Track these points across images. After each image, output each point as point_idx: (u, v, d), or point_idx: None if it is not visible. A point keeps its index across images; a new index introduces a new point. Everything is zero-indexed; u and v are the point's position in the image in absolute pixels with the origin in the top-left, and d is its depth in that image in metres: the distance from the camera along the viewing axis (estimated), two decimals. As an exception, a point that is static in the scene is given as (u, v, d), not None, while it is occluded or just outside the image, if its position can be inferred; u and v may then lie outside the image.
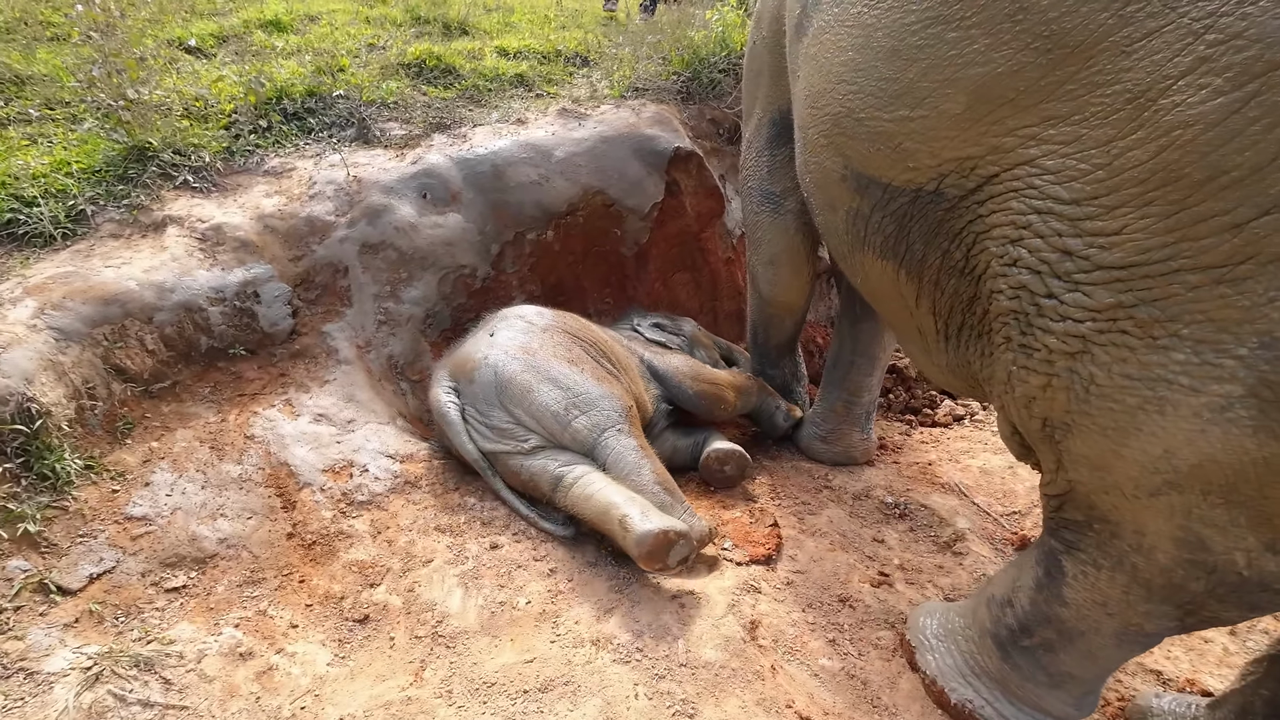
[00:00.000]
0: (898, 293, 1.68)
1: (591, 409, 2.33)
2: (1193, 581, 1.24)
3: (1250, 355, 1.01)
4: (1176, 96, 0.99)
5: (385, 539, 2.16)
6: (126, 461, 2.10)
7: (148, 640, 1.69)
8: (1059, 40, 1.10)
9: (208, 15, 4.36)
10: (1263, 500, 1.10)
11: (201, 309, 2.45)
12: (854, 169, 1.57)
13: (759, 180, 2.66)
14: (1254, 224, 0.96)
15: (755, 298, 3.08)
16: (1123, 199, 1.08)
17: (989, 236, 1.34)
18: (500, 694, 1.68)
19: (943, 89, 1.28)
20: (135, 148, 2.78)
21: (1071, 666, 1.57)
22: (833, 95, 1.55)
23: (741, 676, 1.78)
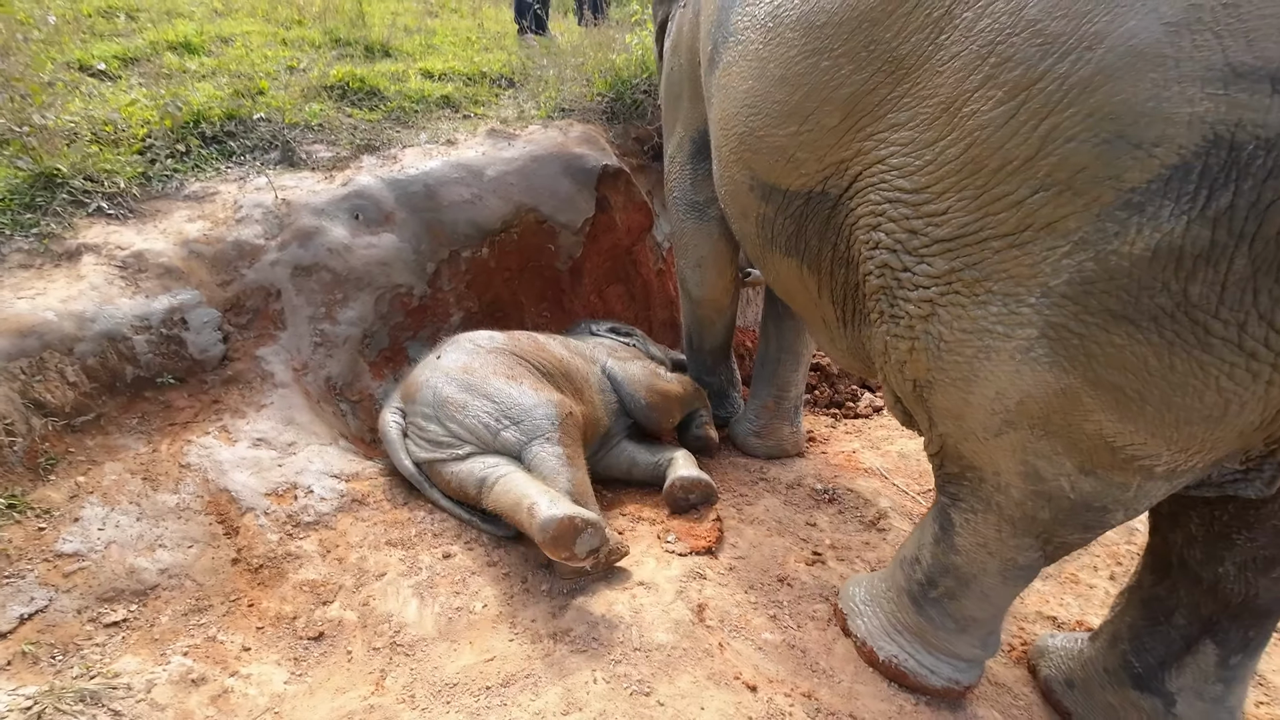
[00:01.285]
0: (803, 286, 1.93)
1: (523, 419, 2.39)
2: (1040, 511, 1.48)
3: (1037, 303, 1.24)
4: (974, 105, 1.24)
5: (335, 557, 2.16)
6: (52, 498, 2.03)
7: (91, 676, 1.65)
8: (897, 64, 1.37)
9: (109, 36, 4.19)
10: (1068, 428, 1.31)
11: (126, 338, 2.39)
12: (759, 179, 1.83)
13: (683, 191, 2.90)
14: (1029, 200, 1.20)
15: (687, 301, 3.28)
16: (946, 185, 1.33)
17: (858, 226, 1.59)
18: (463, 693, 1.73)
19: (822, 107, 1.55)
20: (42, 175, 2.67)
21: (972, 610, 1.78)
22: (738, 118, 1.83)
23: (692, 655, 1.90)
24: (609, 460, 2.93)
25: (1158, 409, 1.20)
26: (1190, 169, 1.02)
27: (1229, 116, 0.98)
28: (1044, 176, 1.17)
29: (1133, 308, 1.13)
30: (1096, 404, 1.24)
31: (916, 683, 1.90)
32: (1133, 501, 1.38)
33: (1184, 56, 0.99)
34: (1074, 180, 1.13)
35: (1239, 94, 0.97)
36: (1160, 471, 1.30)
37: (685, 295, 3.25)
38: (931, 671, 1.88)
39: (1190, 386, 1.15)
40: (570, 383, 2.81)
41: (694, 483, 2.65)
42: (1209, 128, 0.99)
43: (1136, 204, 1.07)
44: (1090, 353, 1.20)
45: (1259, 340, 1.08)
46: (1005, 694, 2.01)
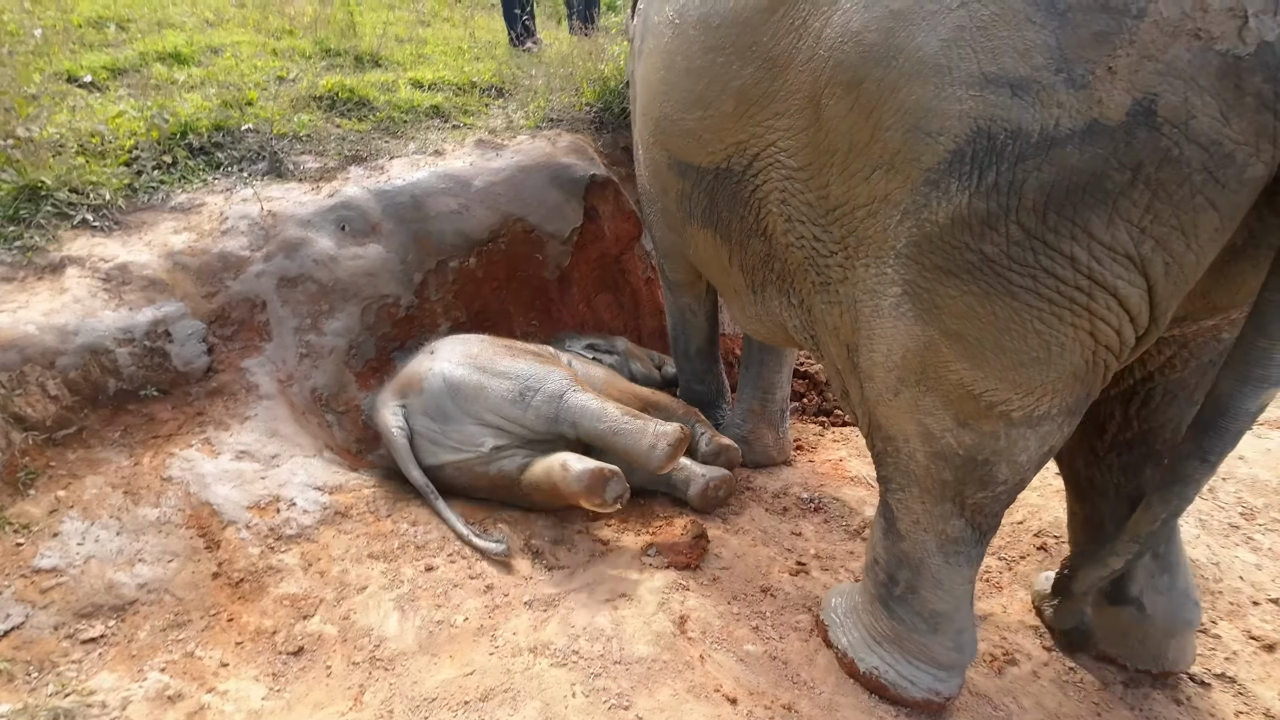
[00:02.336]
0: (717, 256, 2.11)
1: (544, 384, 2.50)
2: (943, 472, 1.60)
3: (894, 264, 1.43)
4: (827, 99, 1.45)
5: (317, 570, 2.16)
6: (31, 513, 2.02)
7: (66, 693, 1.64)
8: (774, 61, 1.57)
9: (98, 47, 4.20)
10: (939, 380, 1.48)
11: (108, 350, 2.38)
12: (675, 158, 2.04)
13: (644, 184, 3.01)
14: (871, 176, 1.42)
15: (669, 294, 3.32)
16: (821, 164, 1.53)
17: (768, 201, 1.74)
18: (441, 708, 1.73)
19: (720, 96, 1.75)
20: (27, 187, 2.67)
21: (933, 602, 1.82)
22: (655, 103, 2.06)
23: (672, 667, 1.90)
24: None
25: (995, 353, 1.39)
26: (964, 153, 1.26)
27: (985, 113, 1.22)
28: (876, 158, 1.39)
29: (952, 263, 1.35)
30: (952, 353, 1.43)
31: (897, 695, 1.90)
32: (1008, 452, 1.52)
33: (954, 66, 1.24)
34: (894, 160, 1.36)
35: (989, 95, 1.21)
36: (1017, 417, 1.47)
37: (666, 287, 3.31)
38: (911, 682, 1.88)
39: (1013, 331, 1.35)
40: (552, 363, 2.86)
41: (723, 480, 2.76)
42: (973, 121, 1.24)
43: (934, 181, 1.31)
44: (937, 305, 1.41)
45: (1052, 289, 1.29)
46: (985, 704, 2.01)
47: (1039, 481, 2.85)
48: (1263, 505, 2.81)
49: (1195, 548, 2.50)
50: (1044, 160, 1.19)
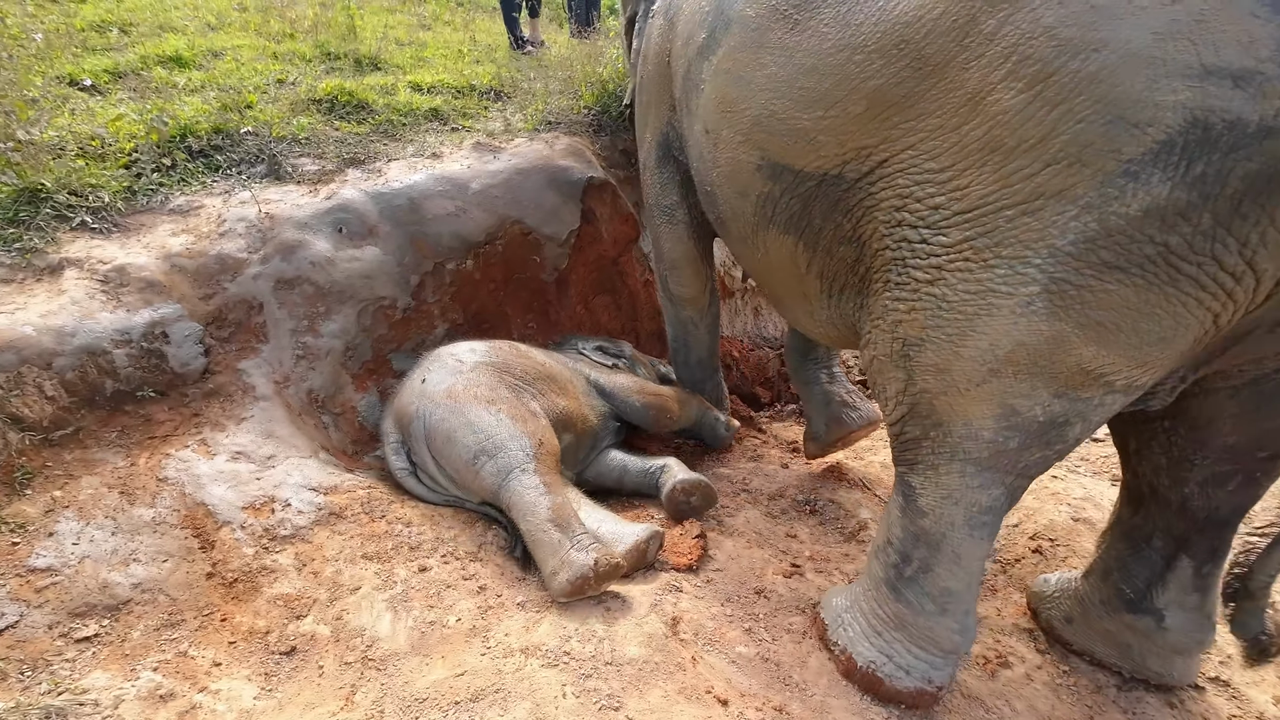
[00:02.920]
0: (792, 262, 2.10)
1: (499, 453, 2.39)
2: (1010, 441, 1.67)
3: (1043, 262, 1.47)
4: (996, 95, 1.45)
5: (311, 571, 2.17)
6: (27, 513, 2.03)
7: (58, 692, 1.65)
8: (925, 61, 1.56)
9: (101, 51, 4.23)
10: (1051, 364, 1.56)
11: (106, 352, 2.40)
12: (770, 159, 1.97)
13: (655, 197, 3.03)
14: (1041, 173, 1.42)
15: (669, 306, 3.33)
16: (968, 164, 1.53)
17: (877, 208, 1.75)
18: (432, 708, 1.73)
19: (849, 96, 1.71)
20: (26, 189, 2.69)
21: (947, 579, 1.84)
22: (752, 100, 1.96)
23: (664, 669, 1.90)
24: (600, 468, 2.96)
25: (1129, 335, 1.46)
26: (1174, 144, 1.28)
27: (1203, 103, 1.25)
28: (1055, 153, 1.40)
29: (1124, 258, 1.39)
30: (1081, 340, 1.49)
31: (891, 687, 1.91)
32: (1092, 413, 1.60)
33: (1169, 58, 1.26)
34: (1082, 154, 1.36)
35: (1210, 86, 1.24)
36: (1120, 385, 1.55)
37: (667, 299, 3.32)
38: (906, 671, 1.91)
39: (1155, 315, 1.43)
40: (552, 384, 2.84)
41: (694, 485, 2.69)
42: (1189, 111, 1.26)
43: (1133, 172, 1.33)
44: (1084, 300, 1.45)
45: (1211, 278, 1.37)
46: (978, 707, 2.01)
47: (1036, 486, 2.84)
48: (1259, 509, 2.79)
49: (1191, 551, 2.49)
50: (1255, 150, 1.24)
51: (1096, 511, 2.66)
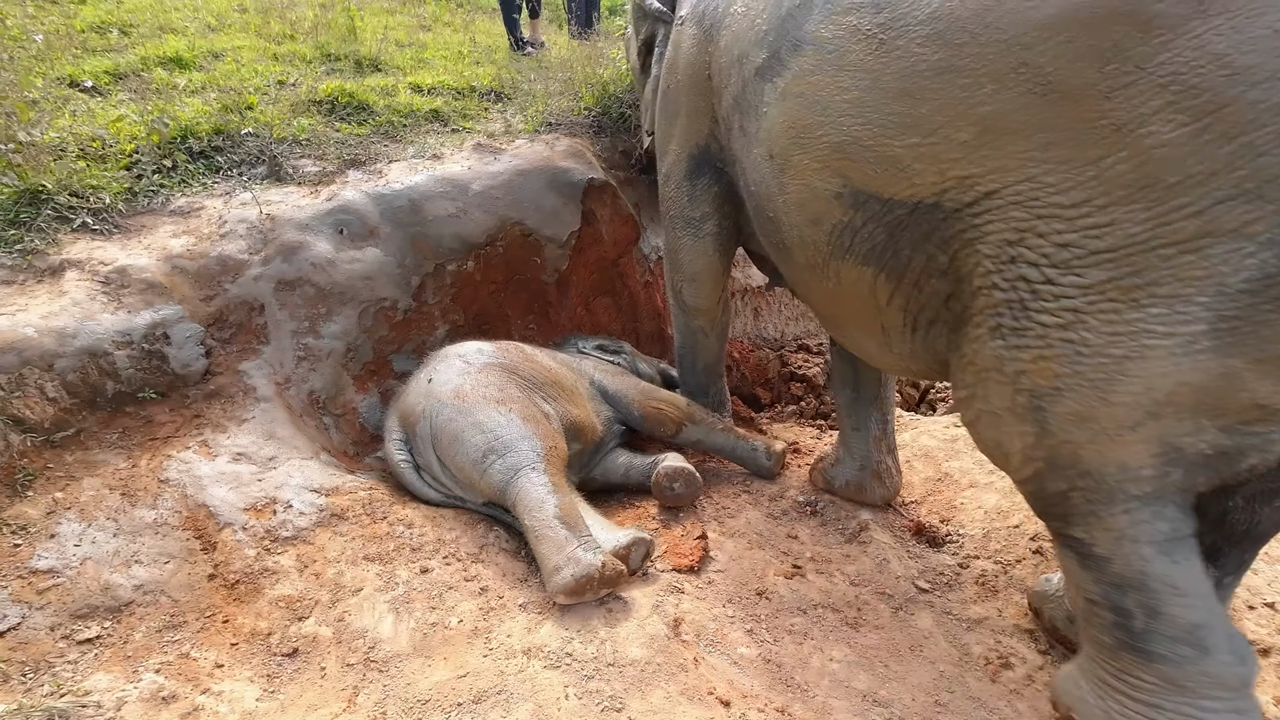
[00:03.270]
0: (870, 294, 1.97)
1: (508, 452, 2.39)
2: (1173, 475, 1.57)
3: (1210, 301, 1.39)
4: (1152, 127, 1.37)
5: (312, 572, 2.17)
6: (28, 514, 2.03)
7: (61, 694, 1.65)
8: (1053, 87, 1.46)
9: (101, 52, 4.23)
10: (1221, 402, 1.47)
11: (107, 353, 2.40)
12: (854, 187, 1.85)
13: (680, 208, 2.93)
14: (1212, 209, 1.35)
15: (681, 314, 3.26)
16: (1111, 199, 1.43)
17: (983, 241, 1.62)
18: (434, 710, 1.73)
19: (954, 122, 1.59)
20: (27, 191, 2.69)
21: (1184, 612, 1.62)
22: (831, 126, 1.84)
23: (666, 670, 1.90)
24: (605, 466, 2.99)
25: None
26: None
27: None
28: (1230, 188, 1.32)
29: None
30: (1255, 375, 1.42)
31: None
32: (1271, 446, 1.51)
33: None
34: (1263, 189, 1.30)
35: None
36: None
37: (680, 308, 3.25)
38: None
39: None
40: (560, 390, 2.84)
41: (677, 471, 2.70)
42: None
43: None
44: (1260, 335, 1.38)
45: None
46: (980, 708, 2.01)
47: (1035, 485, 2.85)
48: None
49: (1191, 551, 2.49)
50: None
51: (1097, 512, 2.67)
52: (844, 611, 2.34)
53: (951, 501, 2.97)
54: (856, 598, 2.41)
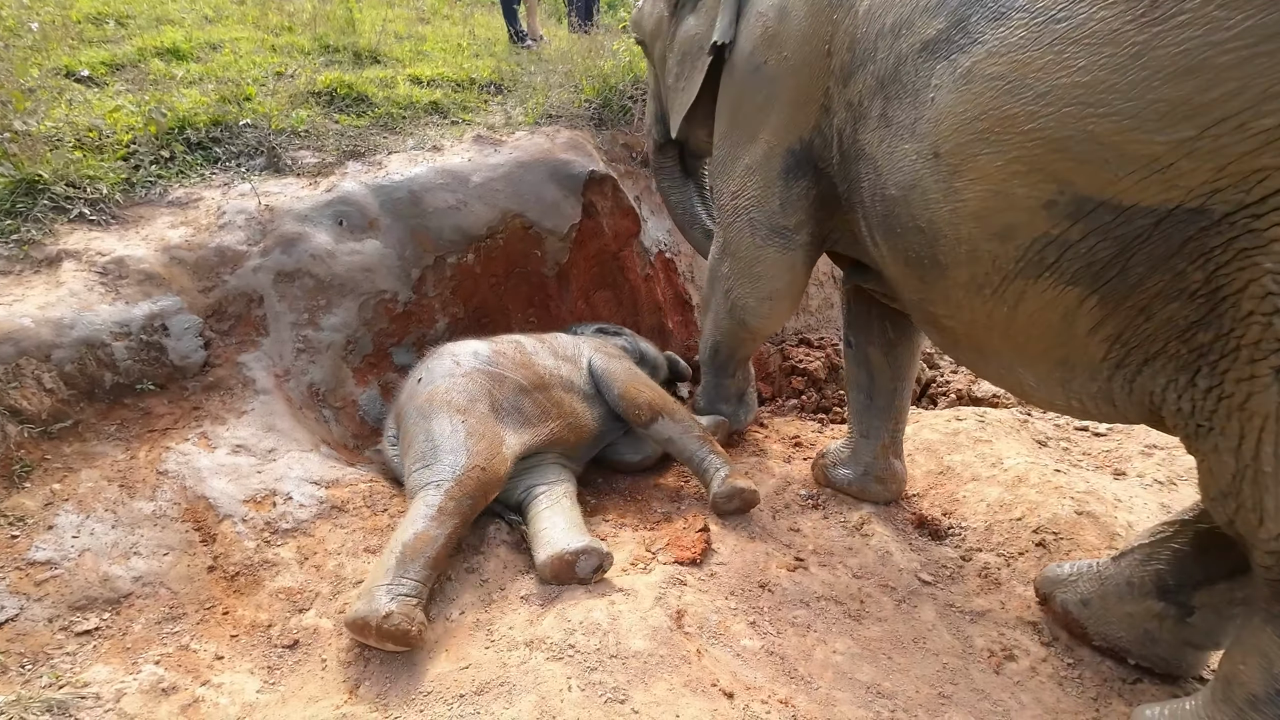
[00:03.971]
0: (1064, 321, 1.66)
1: (432, 463, 2.25)
2: None
3: None
4: None
5: (313, 564, 2.15)
6: (26, 506, 2.02)
7: (60, 685, 1.64)
8: None
9: (98, 43, 4.20)
10: None
11: (104, 344, 2.38)
12: (1075, 192, 1.52)
13: (766, 213, 2.46)
14: None
15: (732, 325, 2.87)
16: None
17: (1266, 252, 1.34)
18: (436, 701, 1.72)
19: (1262, 104, 1.28)
20: (24, 181, 2.67)
21: None
22: (1050, 118, 1.50)
23: (669, 662, 1.89)
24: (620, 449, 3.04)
25: None
26: None
27: None
28: None
29: None
30: None
31: None
32: None
33: None
34: None
35: None
36: None
37: (732, 320, 2.84)
38: None
39: None
40: (548, 395, 2.74)
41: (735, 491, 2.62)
42: None
43: None
44: None
45: None
46: (984, 700, 2.01)
47: (1038, 479, 2.84)
48: (1262, 502, 2.80)
49: (1194, 544, 2.49)
50: None
51: (1099, 505, 2.66)
52: (847, 604, 2.33)
53: (953, 495, 2.96)
54: (859, 590, 2.40)
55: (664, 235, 4.21)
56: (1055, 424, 3.48)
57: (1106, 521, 2.57)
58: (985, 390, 3.98)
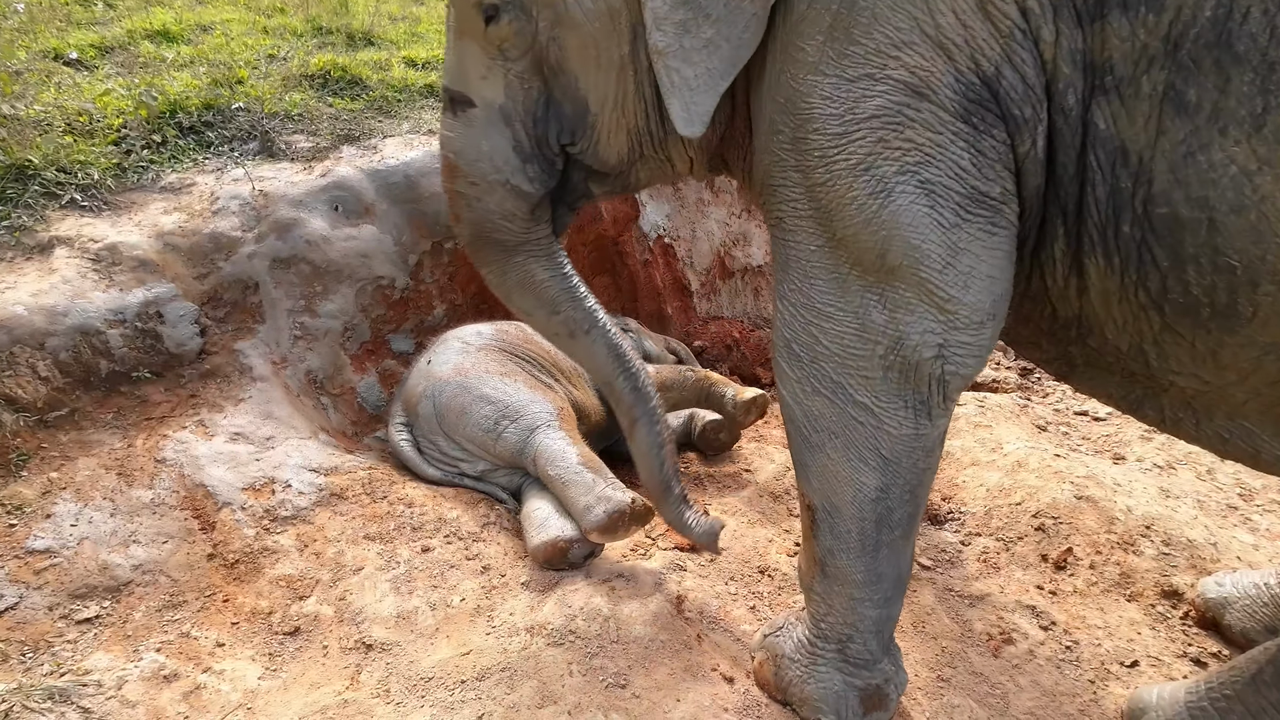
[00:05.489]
0: None
1: (520, 415, 2.44)
2: None
3: None
4: None
5: (313, 552, 2.15)
6: (23, 495, 2.01)
7: (61, 673, 1.64)
8: None
9: (86, 25, 4.12)
10: None
11: (99, 332, 2.36)
12: None
13: (952, 174, 1.35)
14: None
15: (912, 405, 1.50)
16: None
17: None
18: (438, 687, 1.73)
19: None
20: (14, 166, 2.63)
21: None
22: None
23: (670, 647, 1.90)
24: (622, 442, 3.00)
25: None
26: None
27: None
28: None
29: None
30: None
31: None
32: None
33: None
34: None
35: None
36: None
37: (916, 392, 1.49)
38: None
39: None
40: (560, 371, 2.82)
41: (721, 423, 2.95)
42: None
43: None
44: None
45: None
46: (983, 683, 2.02)
47: (1039, 465, 2.84)
48: (1260, 486, 2.81)
49: (1193, 528, 2.50)
50: None
51: (1099, 490, 2.66)
52: (846, 589, 2.34)
53: (953, 480, 2.96)
54: (859, 575, 2.41)
55: (662, 220, 4.17)
56: (1055, 409, 3.48)
57: (1106, 506, 2.57)
58: (984, 375, 3.98)
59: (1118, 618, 2.25)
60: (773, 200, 1.54)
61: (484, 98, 1.63)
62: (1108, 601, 2.31)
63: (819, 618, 1.73)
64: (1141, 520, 2.51)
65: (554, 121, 1.65)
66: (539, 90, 1.63)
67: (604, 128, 1.64)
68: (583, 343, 1.92)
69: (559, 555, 2.13)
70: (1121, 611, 2.27)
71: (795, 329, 1.55)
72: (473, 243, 1.84)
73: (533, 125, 1.65)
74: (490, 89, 1.62)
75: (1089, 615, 2.26)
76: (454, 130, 1.68)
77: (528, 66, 1.60)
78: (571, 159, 1.73)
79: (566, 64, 1.57)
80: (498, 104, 1.63)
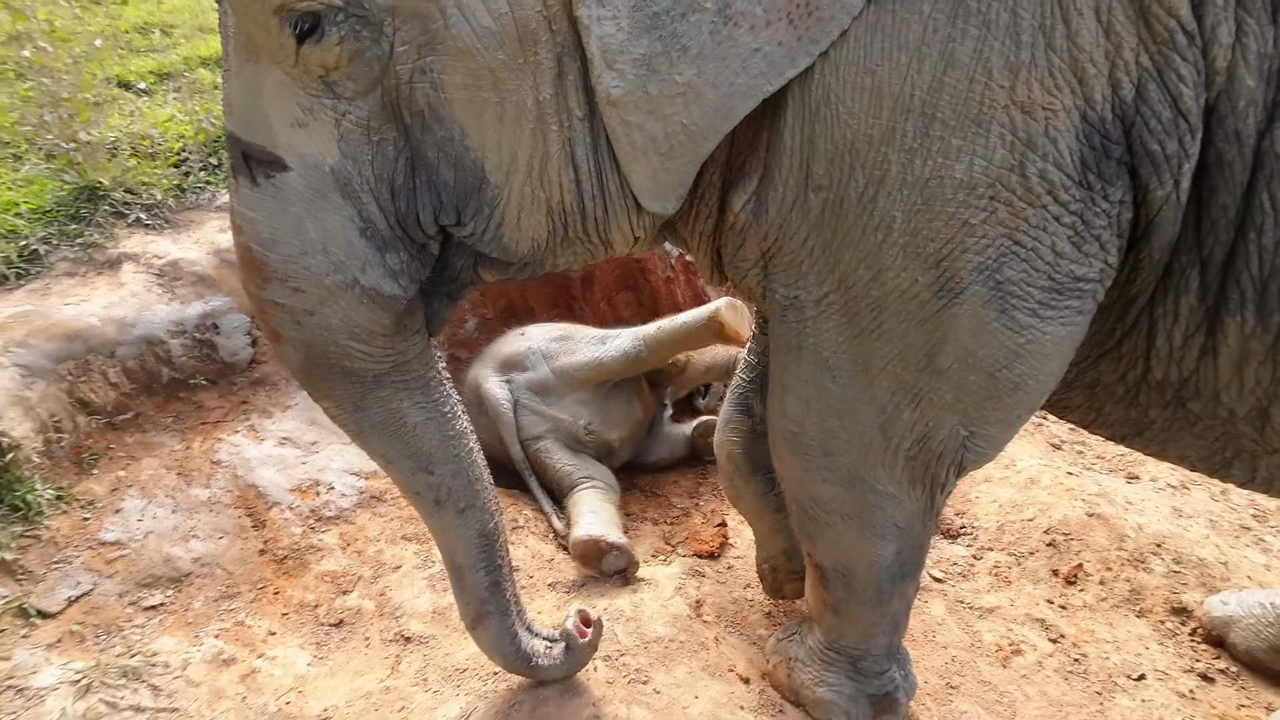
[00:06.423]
0: None
1: (622, 332, 2.76)
2: None
3: None
4: None
5: (355, 550, 2.30)
6: (95, 490, 2.18)
7: (132, 654, 1.79)
8: None
9: (144, 52, 4.40)
10: None
11: (162, 342, 2.55)
12: None
13: (1042, 266, 1.10)
14: None
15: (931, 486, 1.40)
16: None
17: None
18: (472, 677, 1.85)
19: None
20: (86, 188, 2.85)
21: None
22: None
23: (688, 648, 2.00)
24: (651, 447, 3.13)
25: None
26: None
27: None
28: None
29: None
30: None
31: None
32: None
33: None
34: None
35: None
36: None
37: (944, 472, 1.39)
38: None
39: None
40: None
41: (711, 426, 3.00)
42: None
43: None
44: None
45: None
46: (991, 692, 2.09)
47: (1050, 481, 2.90)
48: (1274, 508, 2.83)
49: (1204, 547, 2.55)
50: None
51: (1110, 508, 2.71)
52: (859, 598, 2.43)
53: (966, 495, 3.03)
54: (871, 585, 2.49)
55: None
56: (1069, 427, 3.52)
57: (1117, 523, 2.63)
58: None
59: (1126, 632, 2.30)
60: (782, 279, 1.23)
61: (302, 156, 1.08)
62: (1117, 616, 2.36)
63: (832, 640, 1.76)
64: (1152, 538, 2.56)
65: (427, 193, 1.13)
66: (396, 146, 1.10)
67: (510, 206, 1.14)
68: (450, 519, 1.46)
69: (595, 555, 2.25)
70: (1130, 626, 2.32)
71: (805, 424, 1.34)
72: (306, 372, 1.25)
73: (390, 198, 1.12)
74: (312, 142, 1.07)
75: (1098, 629, 2.32)
76: (256, 207, 1.10)
77: (375, 111, 1.07)
78: (453, 239, 1.22)
79: (446, 110, 1.06)
80: (328, 166, 1.08)
